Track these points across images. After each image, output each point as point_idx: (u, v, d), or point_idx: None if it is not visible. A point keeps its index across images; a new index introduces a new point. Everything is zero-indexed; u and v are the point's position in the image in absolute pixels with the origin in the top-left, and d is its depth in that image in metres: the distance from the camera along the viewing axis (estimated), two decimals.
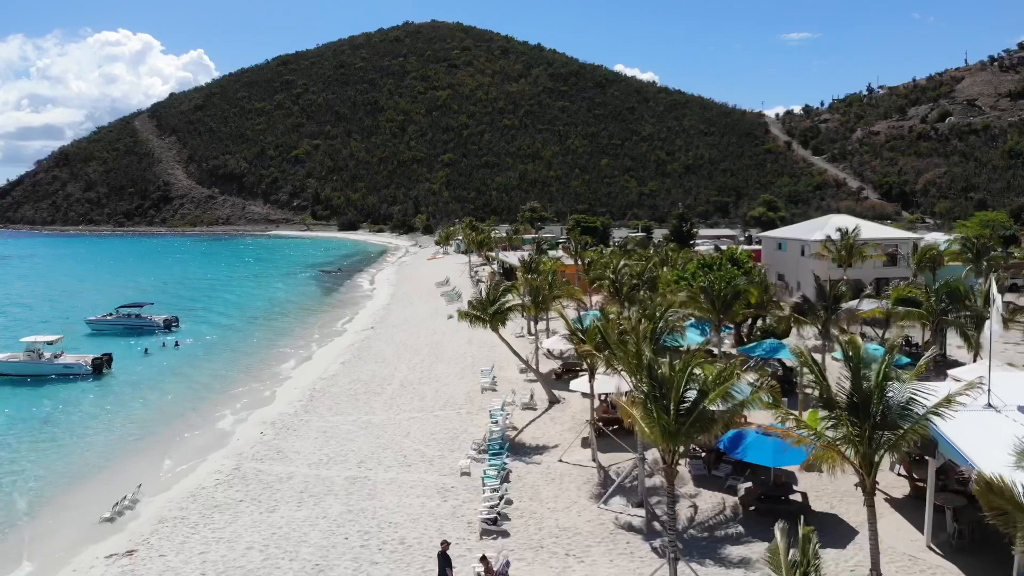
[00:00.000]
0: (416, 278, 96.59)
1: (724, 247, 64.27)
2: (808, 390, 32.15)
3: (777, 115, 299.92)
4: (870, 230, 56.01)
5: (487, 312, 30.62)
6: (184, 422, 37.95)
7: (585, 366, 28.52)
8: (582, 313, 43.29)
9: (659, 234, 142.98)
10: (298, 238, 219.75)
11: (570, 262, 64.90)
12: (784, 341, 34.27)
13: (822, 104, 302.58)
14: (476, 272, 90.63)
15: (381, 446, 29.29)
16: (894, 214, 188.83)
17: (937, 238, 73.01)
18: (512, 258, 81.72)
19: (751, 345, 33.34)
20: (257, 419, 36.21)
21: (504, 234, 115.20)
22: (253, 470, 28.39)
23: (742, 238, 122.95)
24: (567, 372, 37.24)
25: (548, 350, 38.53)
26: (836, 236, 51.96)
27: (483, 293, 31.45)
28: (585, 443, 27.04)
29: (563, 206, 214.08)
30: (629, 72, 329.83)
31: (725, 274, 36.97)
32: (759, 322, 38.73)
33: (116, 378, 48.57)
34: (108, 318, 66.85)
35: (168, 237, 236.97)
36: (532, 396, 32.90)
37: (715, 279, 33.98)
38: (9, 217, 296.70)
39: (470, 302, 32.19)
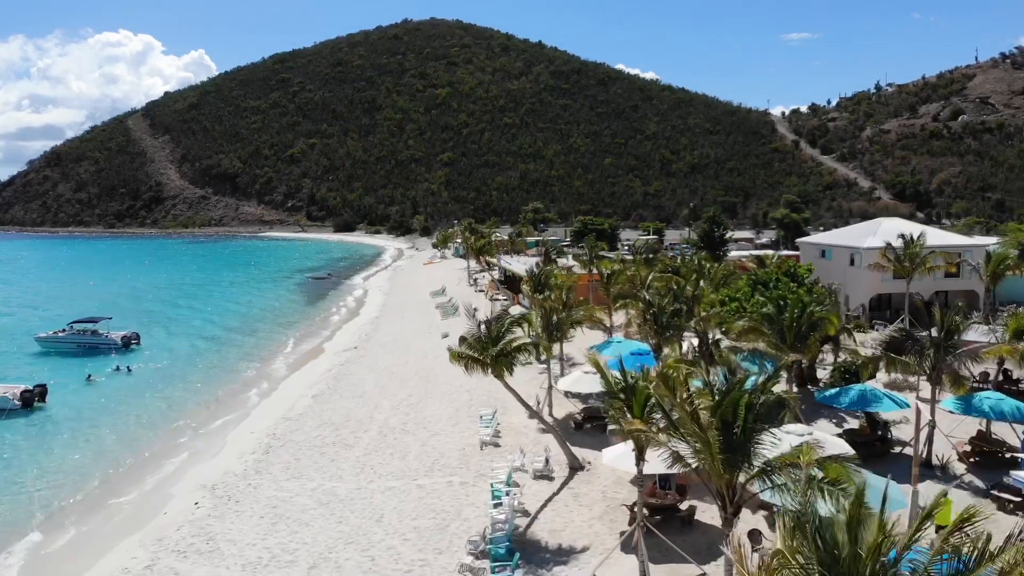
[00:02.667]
0: (410, 285, 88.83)
1: (757, 254, 56.49)
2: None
3: (783, 113, 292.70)
4: (932, 236, 48.25)
5: (488, 353, 22.83)
6: (107, 481, 30.30)
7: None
8: (608, 340, 35.60)
9: (671, 236, 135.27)
10: (292, 240, 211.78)
11: (582, 271, 57.12)
12: (870, 384, 26.55)
13: (829, 103, 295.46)
14: (475, 280, 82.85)
15: (343, 538, 21.48)
16: (909, 215, 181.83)
17: (987, 243, 65.08)
18: (515, 264, 74.01)
19: (832, 392, 25.51)
20: (196, 480, 28.49)
21: (506, 237, 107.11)
22: (169, 572, 20.69)
23: (760, 240, 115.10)
24: (589, 420, 29.40)
25: (566, 392, 30.63)
26: (897, 242, 44.24)
27: (481, 327, 23.54)
28: (628, 544, 19.25)
29: (566, 206, 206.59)
30: (630, 73, 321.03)
31: (791, 295, 29.18)
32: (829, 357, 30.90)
33: (47, 414, 40.81)
34: (60, 335, 59.21)
35: (158, 239, 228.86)
36: (547, 460, 24.93)
37: (791, 303, 25.95)
38: None
39: (464, 337, 24.36)
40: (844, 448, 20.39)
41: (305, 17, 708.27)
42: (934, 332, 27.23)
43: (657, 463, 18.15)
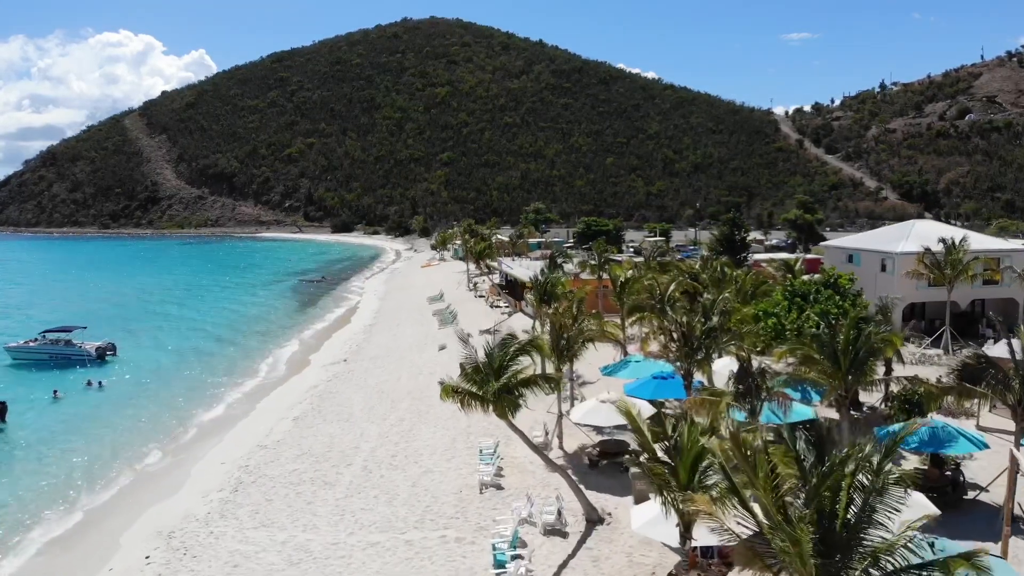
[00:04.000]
0: (407, 289, 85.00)
1: (783, 258, 52.42)
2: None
3: (787, 113, 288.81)
4: (971, 240, 44.32)
5: (489, 388, 18.98)
6: (52, 522, 26.50)
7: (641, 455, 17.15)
8: (625, 360, 31.74)
9: (676, 236, 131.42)
10: (289, 241, 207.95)
11: (590, 276, 53.25)
12: (939, 418, 22.66)
13: (832, 102, 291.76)
14: (475, 285, 78.89)
15: None
16: (917, 215, 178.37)
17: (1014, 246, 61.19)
18: (517, 268, 70.16)
19: (895, 427, 21.60)
20: (151, 524, 24.61)
21: (507, 238, 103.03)
22: None
23: (770, 242, 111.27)
24: (605, 456, 25.53)
25: (578, 423, 26.72)
26: (936, 247, 40.42)
27: (480, 351, 19.64)
28: None
29: (567, 207, 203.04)
30: (631, 72, 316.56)
31: (834, 310, 25.29)
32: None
33: (5, 436, 37.06)
34: (31, 345, 55.45)
35: (153, 240, 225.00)
36: (560, 512, 20.99)
37: (845, 323, 21.98)
38: None
39: (462, 365, 20.52)
40: (929, 508, 16.54)
41: (305, 16, 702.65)
42: (997, 351, 23.65)
43: (703, 531, 14.40)
